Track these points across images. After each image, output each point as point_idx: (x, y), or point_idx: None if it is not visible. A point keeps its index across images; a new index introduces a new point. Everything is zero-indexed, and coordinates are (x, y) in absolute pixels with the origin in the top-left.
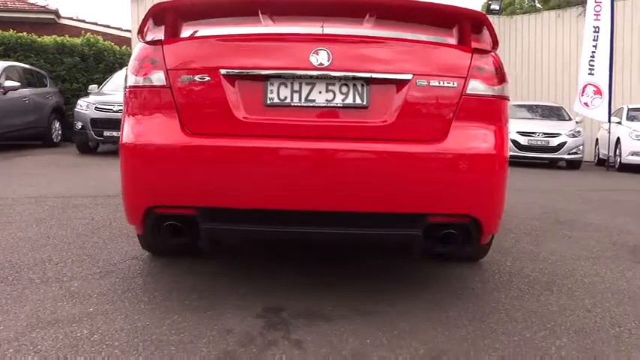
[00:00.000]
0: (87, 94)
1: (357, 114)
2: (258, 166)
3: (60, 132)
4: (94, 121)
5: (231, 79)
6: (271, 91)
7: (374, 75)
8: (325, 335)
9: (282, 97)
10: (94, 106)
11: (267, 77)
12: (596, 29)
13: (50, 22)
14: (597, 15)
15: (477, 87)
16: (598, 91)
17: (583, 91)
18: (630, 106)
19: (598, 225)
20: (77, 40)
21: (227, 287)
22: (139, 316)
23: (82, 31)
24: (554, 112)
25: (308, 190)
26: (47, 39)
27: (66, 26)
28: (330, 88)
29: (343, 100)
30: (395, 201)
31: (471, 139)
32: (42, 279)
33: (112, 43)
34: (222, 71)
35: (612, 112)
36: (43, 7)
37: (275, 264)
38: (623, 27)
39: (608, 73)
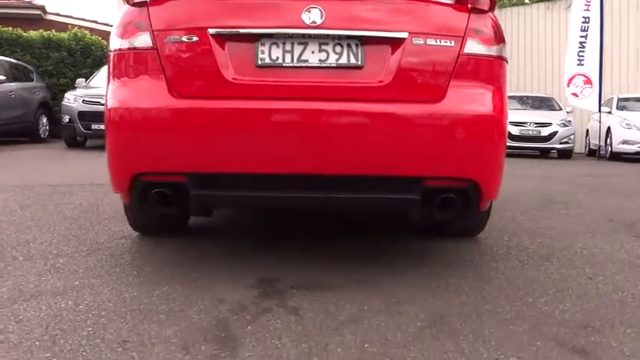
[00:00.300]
0: (74, 88)
1: (351, 74)
2: (248, 128)
3: (47, 127)
4: (82, 114)
5: (220, 39)
6: (262, 52)
7: (368, 33)
8: (321, 303)
9: (273, 58)
10: (82, 99)
11: (258, 37)
12: (586, 19)
13: (37, 18)
14: (587, 5)
15: (474, 47)
16: (588, 81)
17: (570, 82)
18: (620, 96)
19: (593, 205)
20: (64, 35)
21: (219, 262)
22: (126, 288)
23: (69, 26)
24: (545, 103)
25: (301, 152)
26: (33, 34)
27: (53, 22)
28: (323, 47)
29: (337, 60)
30: (391, 164)
31: (470, 100)
32: (26, 256)
33: (100, 38)
34: (211, 31)
35: (602, 102)
36: (29, 2)
37: (269, 239)
38: (612, 17)
39: (598, 63)
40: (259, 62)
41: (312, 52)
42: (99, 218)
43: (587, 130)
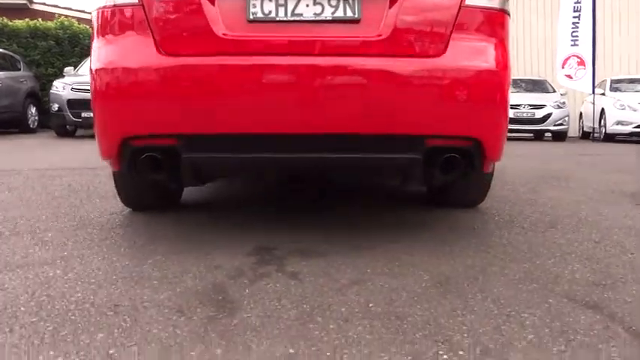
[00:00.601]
0: (63, 76)
1: (348, 28)
2: (240, 86)
3: (36, 118)
4: (71, 103)
5: None
6: (254, 5)
7: None
8: (322, 267)
9: (266, 12)
10: (70, 87)
11: None
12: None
13: (23, 8)
14: None
15: None
16: (582, 62)
17: (565, 63)
18: (613, 78)
19: (594, 179)
20: (51, 24)
21: (214, 233)
22: (118, 258)
23: (56, 15)
24: (539, 86)
25: (297, 111)
26: (19, 23)
27: (38, 11)
28: (318, 0)
29: (333, 14)
30: (390, 122)
31: (472, 54)
32: (12, 232)
33: (88, 27)
34: None
35: (595, 84)
36: None
37: (266, 210)
38: None
39: (591, 44)
40: (251, 17)
41: (307, 6)
42: (89, 197)
43: (581, 113)
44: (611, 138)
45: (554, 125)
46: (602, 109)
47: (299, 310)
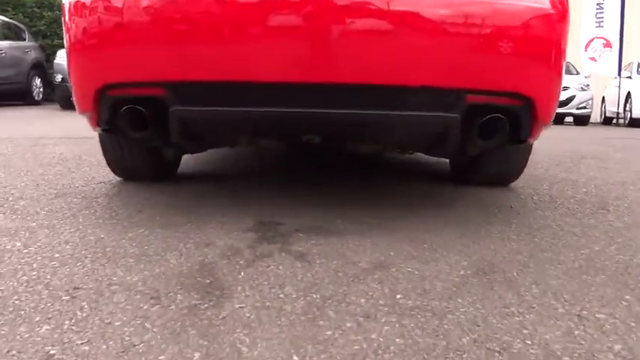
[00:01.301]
0: None
1: None
2: (242, 21)
3: (41, 90)
4: None
5: None
6: None
7: None
8: (335, 248)
9: None
10: None
11: None
12: None
13: None
14: None
15: None
16: (608, 44)
17: (588, 46)
18: None
19: (630, 160)
20: None
21: (211, 205)
22: (93, 230)
23: None
24: None
25: (310, 53)
26: None
27: None
28: None
29: None
30: (422, 71)
31: None
32: None
33: None
34: None
35: (622, 66)
36: None
37: (272, 180)
38: None
39: (619, 24)
40: None
41: None
42: (79, 165)
43: (603, 98)
44: (636, 123)
45: (577, 109)
46: (629, 93)
47: (306, 300)
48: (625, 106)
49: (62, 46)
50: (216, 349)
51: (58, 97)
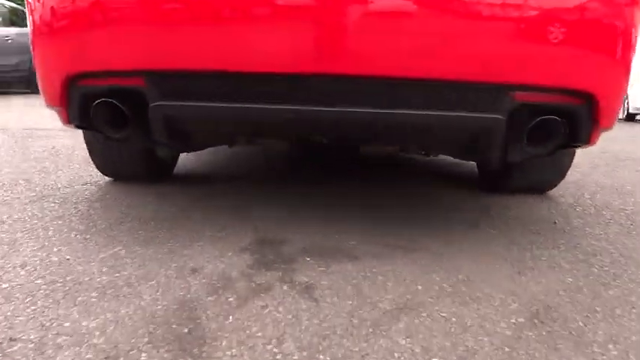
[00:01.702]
0: None
1: None
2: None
3: None
4: None
5: None
6: None
7: None
8: (349, 278)
9: None
10: None
11: None
12: None
13: None
14: None
15: None
16: None
17: None
18: None
19: None
20: None
21: (203, 217)
22: (60, 248)
23: None
24: None
25: (326, 39)
26: None
27: None
28: None
29: None
30: (460, 61)
31: None
32: None
33: None
34: None
35: None
36: None
37: (275, 189)
38: None
39: None
40: None
41: None
42: (69, 161)
43: (627, 94)
44: None
45: None
46: None
47: None
48: None
49: None
50: None
51: None
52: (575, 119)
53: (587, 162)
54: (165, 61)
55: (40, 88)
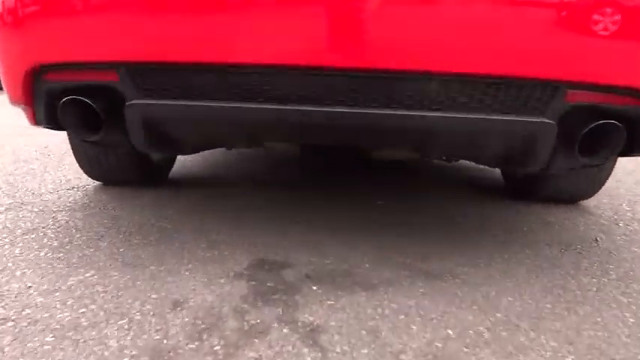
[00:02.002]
0: None
1: None
2: None
3: None
4: None
5: None
6: None
7: None
8: (363, 317)
9: None
10: None
11: None
12: None
13: None
14: None
15: None
16: None
17: None
18: None
19: None
20: None
21: (194, 232)
22: (23, 272)
23: None
24: None
25: (350, 25)
26: None
27: None
28: None
29: None
30: (503, 56)
31: None
32: None
33: None
34: None
35: None
36: None
37: (278, 200)
38: None
39: None
40: None
41: None
42: (60, 163)
43: None
44: None
45: None
46: None
47: None
48: None
49: None
50: None
51: None
52: (638, 124)
53: (621, 166)
54: (143, 51)
55: (2, 82)
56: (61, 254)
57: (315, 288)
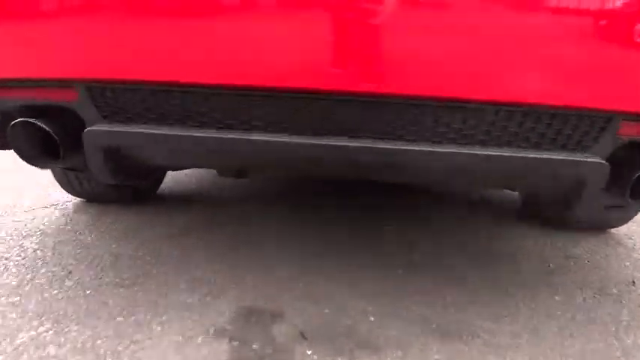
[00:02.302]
0: None
1: None
2: None
3: None
4: None
5: None
6: None
7: None
8: None
9: None
10: None
11: None
12: None
13: None
14: None
15: None
16: None
17: None
18: None
19: None
20: None
21: (176, 264)
22: None
23: None
24: None
25: (348, 47)
26: None
27: None
28: None
29: None
30: (553, 80)
31: None
32: None
33: None
34: None
35: None
36: None
37: (270, 222)
38: None
39: None
40: None
41: None
42: (45, 174)
43: None
44: None
45: None
46: None
47: None
48: None
49: None
50: None
51: None
52: None
53: None
54: (104, 68)
55: None
56: (17, 298)
57: (309, 352)
